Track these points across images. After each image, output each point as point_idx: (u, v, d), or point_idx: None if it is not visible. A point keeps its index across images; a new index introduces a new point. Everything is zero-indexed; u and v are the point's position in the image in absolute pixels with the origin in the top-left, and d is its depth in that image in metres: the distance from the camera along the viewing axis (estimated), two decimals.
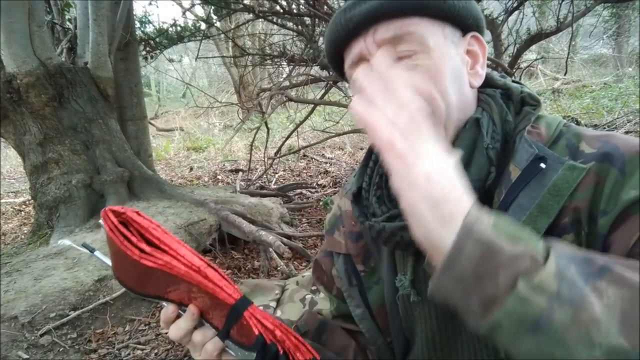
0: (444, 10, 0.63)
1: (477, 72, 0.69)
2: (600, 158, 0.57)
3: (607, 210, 0.54)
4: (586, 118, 6.18)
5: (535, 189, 0.57)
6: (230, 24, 7.36)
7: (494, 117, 0.67)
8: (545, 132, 0.64)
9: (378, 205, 0.71)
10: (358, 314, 0.80)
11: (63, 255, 2.95)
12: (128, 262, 0.58)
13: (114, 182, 3.59)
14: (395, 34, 0.61)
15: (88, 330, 2.43)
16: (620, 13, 10.51)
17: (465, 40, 0.68)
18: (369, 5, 0.61)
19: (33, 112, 3.43)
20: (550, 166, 0.58)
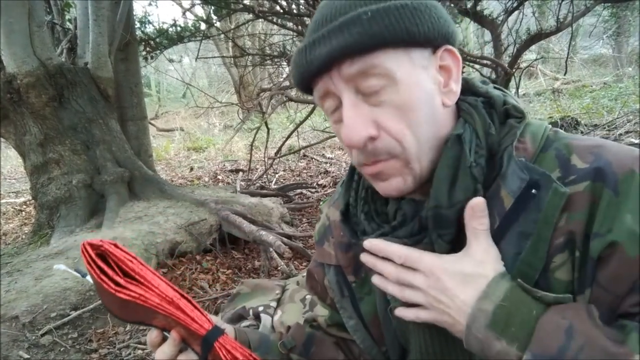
0: (407, 39, 0.59)
1: (451, 89, 0.65)
2: (594, 176, 0.56)
3: (600, 233, 0.54)
4: (586, 118, 6.19)
5: (534, 213, 0.57)
6: (230, 24, 7.37)
7: (477, 129, 0.64)
8: (532, 145, 0.62)
9: (367, 223, 0.71)
10: (351, 325, 0.79)
11: (64, 255, 2.96)
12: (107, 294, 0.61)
13: (114, 182, 3.60)
14: (360, 70, 0.59)
15: (89, 330, 2.44)
16: (620, 13, 10.51)
17: (437, 57, 0.63)
18: (329, 47, 0.58)
19: (33, 113, 3.43)
20: (543, 188, 0.57)
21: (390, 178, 0.64)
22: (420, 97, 0.61)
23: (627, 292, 0.53)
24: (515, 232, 0.58)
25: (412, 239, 0.64)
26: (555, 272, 0.57)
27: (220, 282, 3.00)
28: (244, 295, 1.98)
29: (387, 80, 0.59)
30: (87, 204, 3.54)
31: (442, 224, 0.62)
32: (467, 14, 3.72)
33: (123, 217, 3.40)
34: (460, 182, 0.61)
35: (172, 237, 3.19)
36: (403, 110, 0.60)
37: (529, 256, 0.57)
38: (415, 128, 0.61)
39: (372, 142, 0.60)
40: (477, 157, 0.62)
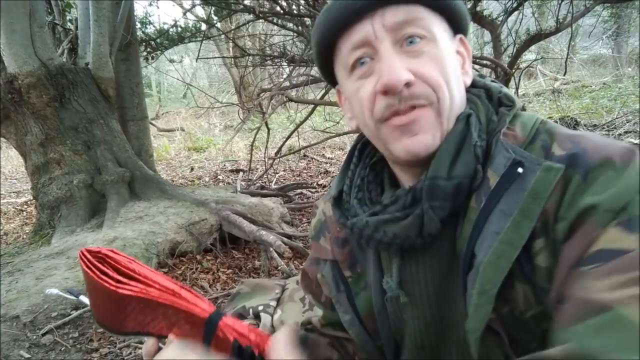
0: (447, 6, 0.63)
1: (467, 71, 0.70)
2: (567, 161, 0.55)
3: (564, 217, 0.53)
4: (585, 118, 6.19)
5: (516, 193, 0.56)
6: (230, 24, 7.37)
7: (480, 116, 0.66)
8: (521, 133, 0.62)
9: (359, 207, 0.71)
10: (347, 320, 0.79)
11: (65, 255, 2.96)
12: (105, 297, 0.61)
13: (115, 182, 3.61)
14: (405, 19, 0.60)
15: (90, 330, 2.44)
16: (620, 13, 10.52)
17: (456, 40, 0.68)
18: None
19: (34, 113, 3.44)
20: (528, 169, 0.56)
21: (420, 132, 0.63)
22: (452, 60, 0.64)
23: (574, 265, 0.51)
24: (497, 210, 0.57)
25: (403, 212, 0.63)
26: (536, 258, 0.56)
27: (221, 281, 3.01)
28: (244, 295, 1.99)
29: (429, 34, 0.61)
30: (88, 204, 3.55)
31: (437, 195, 0.61)
32: None
33: (124, 217, 3.41)
34: (462, 158, 0.62)
35: (173, 237, 3.20)
36: (441, 64, 0.62)
37: (509, 234, 0.55)
38: (449, 82, 0.62)
39: (408, 87, 0.60)
40: (479, 139, 0.63)
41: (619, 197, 0.50)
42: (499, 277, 0.55)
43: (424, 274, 0.69)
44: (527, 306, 0.58)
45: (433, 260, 0.68)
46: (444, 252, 0.66)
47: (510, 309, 0.59)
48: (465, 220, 0.62)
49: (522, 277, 0.57)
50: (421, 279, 0.69)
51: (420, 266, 0.69)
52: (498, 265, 0.55)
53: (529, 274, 0.57)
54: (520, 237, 0.55)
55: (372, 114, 0.64)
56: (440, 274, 0.68)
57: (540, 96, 9.05)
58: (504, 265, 0.55)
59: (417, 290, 0.70)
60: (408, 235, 0.64)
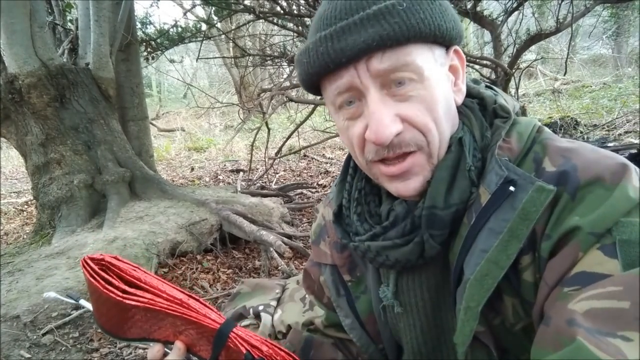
0: (436, 34, 0.59)
1: (460, 88, 0.67)
2: (557, 180, 0.55)
3: (550, 235, 0.53)
4: (586, 118, 6.19)
5: (506, 212, 0.55)
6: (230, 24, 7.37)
7: (474, 132, 0.65)
8: (517, 144, 0.61)
9: (360, 223, 0.70)
10: (348, 324, 0.80)
11: (65, 255, 2.97)
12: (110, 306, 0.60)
13: (115, 182, 3.61)
14: (391, 65, 0.57)
15: (90, 330, 2.45)
16: (620, 13, 10.51)
17: (449, 56, 0.65)
18: (365, 35, 0.56)
19: (35, 113, 3.45)
20: (520, 187, 0.55)
21: (411, 177, 0.63)
22: (442, 94, 0.61)
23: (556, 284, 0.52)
24: (486, 228, 0.57)
25: (403, 239, 0.64)
26: (523, 274, 0.56)
27: (221, 281, 3.01)
28: (244, 295, 1.99)
29: (417, 76, 0.59)
30: (88, 204, 3.55)
31: (436, 224, 0.61)
32: (466, 15, 3.73)
33: (124, 217, 3.41)
34: (458, 185, 0.61)
35: (173, 237, 3.20)
36: (429, 105, 0.60)
37: (496, 254, 0.55)
38: (439, 123, 0.61)
39: (397, 136, 0.60)
40: (474, 160, 0.63)
41: (604, 219, 0.50)
42: (483, 295, 0.55)
43: (420, 285, 0.70)
44: (517, 319, 0.59)
45: (428, 272, 0.69)
46: (439, 264, 0.67)
47: (502, 320, 0.60)
48: (457, 235, 0.63)
49: (510, 291, 0.58)
50: (417, 289, 0.70)
51: (417, 277, 0.70)
52: (483, 283, 0.55)
53: (517, 287, 0.57)
54: (507, 258, 0.54)
55: (362, 153, 0.64)
56: (436, 284, 0.69)
57: (541, 96, 9.05)
58: (489, 284, 0.55)
59: (413, 298, 0.71)
60: (409, 259, 0.65)
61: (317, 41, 0.59)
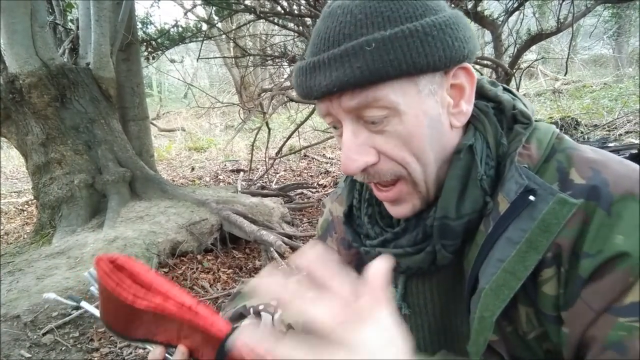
0: (412, 71, 0.55)
1: (461, 110, 0.62)
2: (588, 194, 0.53)
3: (590, 253, 0.51)
4: (586, 118, 6.19)
5: (525, 221, 0.54)
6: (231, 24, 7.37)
7: (488, 139, 0.62)
8: (536, 151, 0.60)
9: (371, 226, 0.69)
10: None
11: (65, 255, 2.97)
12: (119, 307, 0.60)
13: (116, 182, 3.61)
14: (360, 103, 0.56)
15: (90, 329, 2.45)
16: (621, 13, 10.51)
17: (449, 76, 0.59)
18: (329, 79, 0.55)
19: (35, 113, 3.45)
20: (540, 197, 0.54)
21: (399, 203, 0.63)
22: (425, 124, 0.58)
23: (604, 310, 0.51)
24: (504, 237, 0.56)
25: (415, 248, 0.63)
26: (543, 286, 0.55)
27: (221, 281, 3.01)
28: (245, 294, 2.00)
29: (390, 111, 0.56)
30: (88, 204, 3.55)
31: (448, 235, 0.60)
32: (467, 15, 3.73)
33: (124, 216, 3.41)
34: (469, 194, 0.60)
35: (174, 237, 3.21)
36: (406, 140, 0.58)
37: (514, 264, 0.54)
38: (419, 155, 0.59)
39: (373, 166, 0.59)
40: (487, 168, 0.60)
41: None
42: (499, 305, 0.55)
43: (430, 289, 0.69)
44: (530, 328, 0.58)
45: (439, 277, 0.68)
46: (450, 269, 0.66)
47: (514, 328, 0.59)
48: (473, 243, 0.61)
49: (525, 300, 0.57)
50: (426, 292, 0.70)
51: (427, 281, 0.69)
52: (499, 293, 0.55)
53: (533, 298, 0.56)
54: (524, 269, 0.53)
55: None
56: (446, 289, 0.68)
57: (541, 96, 9.04)
58: (505, 294, 0.54)
59: (422, 301, 0.70)
60: (421, 267, 0.64)
61: (298, 70, 0.60)
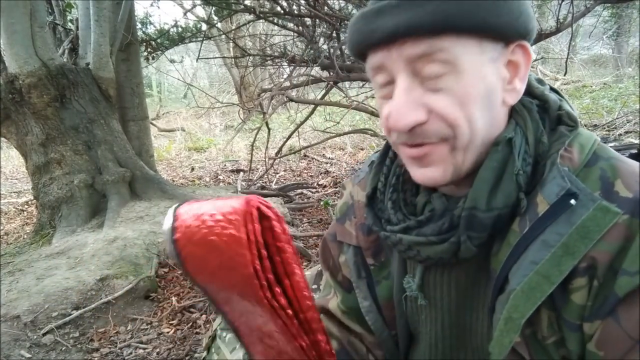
0: (481, 30, 0.54)
1: (515, 87, 0.61)
2: (634, 210, 0.51)
3: (630, 271, 0.50)
4: (586, 118, 6.19)
5: (562, 226, 0.53)
6: (231, 24, 7.38)
7: (528, 135, 0.61)
8: (578, 156, 0.58)
9: (394, 212, 0.67)
10: (365, 306, 0.78)
11: (65, 255, 2.97)
12: (235, 271, 0.45)
13: (115, 182, 3.61)
14: (424, 52, 0.54)
15: (90, 330, 2.45)
16: (621, 13, 10.52)
17: (508, 50, 0.58)
18: (397, 20, 0.53)
19: (35, 113, 3.45)
20: (581, 202, 0.53)
21: (431, 165, 0.60)
22: (482, 90, 0.57)
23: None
24: (539, 240, 0.55)
25: (439, 237, 0.61)
26: (572, 294, 0.54)
27: None
28: None
29: (451, 67, 0.54)
30: (88, 204, 3.55)
31: (475, 227, 0.58)
32: None
33: (124, 217, 3.41)
34: (503, 187, 0.58)
35: None
36: (461, 100, 0.56)
37: (547, 267, 0.53)
38: (471, 119, 0.56)
39: (421, 126, 0.57)
40: (524, 164, 0.59)
41: None
42: (529, 308, 0.54)
43: (448, 282, 0.68)
44: (550, 332, 0.57)
45: (459, 270, 0.67)
46: (472, 264, 0.65)
47: (533, 331, 0.58)
48: (504, 242, 0.60)
49: (549, 304, 0.56)
50: (444, 285, 0.69)
51: (446, 274, 0.68)
52: (530, 296, 0.54)
53: (558, 304, 0.55)
54: (559, 273, 0.52)
55: (389, 134, 0.63)
56: (465, 283, 0.67)
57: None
58: (536, 297, 0.54)
59: (438, 294, 0.69)
60: (442, 257, 0.62)
61: (360, 16, 0.57)
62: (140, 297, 2.73)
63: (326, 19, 3.81)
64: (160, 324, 2.54)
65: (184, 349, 2.30)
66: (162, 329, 2.50)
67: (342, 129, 6.35)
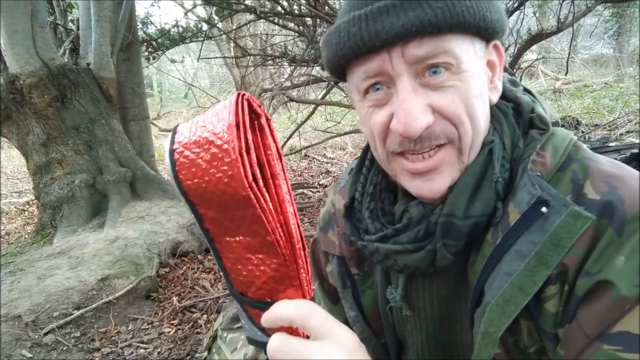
0: (480, 25, 0.54)
1: (496, 86, 0.61)
2: (601, 211, 0.51)
3: (591, 272, 0.49)
4: (587, 118, 6.18)
5: (536, 234, 0.52)
6: (231, 24, 7.37)
7: (505, 139, 0.60)
8: (551, 159, 0.57)
9: (371, 221, 0.66)
10: (352, 316, 0.78)
11: (66, 255, 2.97)
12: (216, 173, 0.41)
13: (116, 182, 3.61)
14: (429, 52, 0.52)
15: (91, 329, 2.45)
16: (622, 13, 10.50)
17: (488, 50, 0.59)
18: (405, 19, 0.51)
19: (36, 113, 3.45)
20: (553, 209, 0.52)
21: (437, 176, 0.58)
22: (479, 88, 0.56)
23: (595, 337, 0.49)
24: (513, 250, 0.53)
25: (415, 245, 0.60)
26: (545, 303, 0.53)
27: (222, 281, 3.01)
28: None
29: (453, 66, 0.54)
30: (89, 204, 3.55)
31: (452, 234, 0.57)
32: None
33: (125, 216, 3.41)
34: (481, 195, 0.57)
35: (174, 237, 3.21)
36: (464, 97, 0.55)
37: (522, 279, 0.52)
38: (474, 118, 0.56)
39: (427, 129, 0.55)
40: (502, 170, 0.58)
41: None
42: (504, 321, 0.53)
43: (430, 292, 0.68)
44: (531, 342, 0.56)
45: (440, 280, 0.67)
46: (452, 275, 0.64)
47: (515, 340, 0.57)
48: (479, 253, 0.59)
49: (526, 315, 0.55)
50: (426, 295, 0.68)
51: (427, 284, 0.68)
52: (505, 309, 0.53)
53: (534, 314, 0.54)
54: (533, 284, 0.51)
55: (383, 144, 0.60)
56: (447, 294, 0.67)
57: (542, 96, 8.85)
58: (511, 310, 0.52)
59: (421, 304, 0.69)
60: (418, 266, 0.61)
61: (350, 21, 0.54)
62: (141, 297, 2.74)
63: (327, 19, 3.81)
64: (161, 324, 2.54)
65: (185, 349, 2.30)
66: (163, 328, 2.50)
67: (342, 129, 6.35)
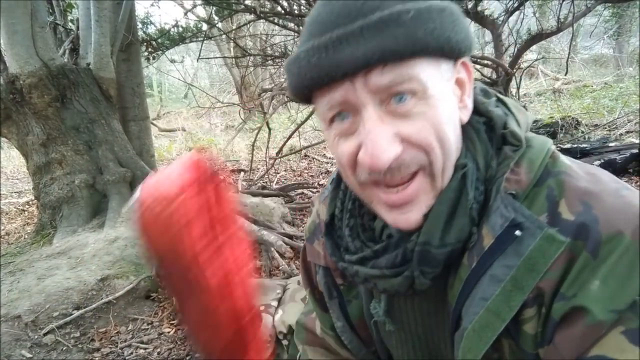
0: (444, 48, 0.52)
1: (466, 105, 0.59)
2: (575, 233, 0.50)
3: (567, 296, 0.49)
4: (587, 118, 6.18)
5: (511, 258, 0.51)
6: (231, 24, 7.38)
7: (478, 160, 0.58)
8: (526, 175, 0.55)
9: (351, 240, 0.65)
10: (339, 327, 0.78)
11: (66, 255, 2.97)
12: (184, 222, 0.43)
13: (116, 182, 3.61)
14: (392, 81, 0.50)
15: (91, 330, 2.45)
16: (621, 13, 10.51)
17: (456, 69, 0.57)
18: (365, 48, 0.48)
19: (36, 113, 3.45)
20: (527, 232, 0.51)
21: (413, 208, 0.57)
22: (447, 111, 0.54)
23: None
24: (488, 275, 0.53)
25: (392, 271, 0.59)
26: (524, 325, 0.53)
27: None
28: None
29: (419, 93, 0.52)
30: (89, 204, 3.55)
31: (428, 262, 0.56)
32: (467, 14, 3.73)
33: (125, 217, 3.41)
34: (456, 223, 0.56)
35: None
36: (433, 123, 0.53)
37: (498, 304, 0.51)
38: (444, 143, 0.54)
39: (397, 159, 0.53)
40: (477, 194, 0.56)
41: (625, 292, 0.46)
42: (482, 347, 0.53)
43: (412, 308, 0.68)
44: (514, 357, 0.56)
45: (421, 298, 0.66)
46: (432, 295, 0.64)
47: (499, 356, 0.57)
48: (457, 276, 0.58)
49: (507, 335, 0.54)
50: (409, 311, 0.68)
51: (409, 301, 0.68)
52: (482, 335, 0.53)
53: (514, 335, 0.54)
54: (509, 309, 0.51)
55: (354, 173, 0.58)
56: (428, 310, 0.67)
57: (542, 96, 9.03)
58: (488, 336, 0.52)
59: (404, 318, 0.69)
60: (398, 290, 0.60)
61: (310, 50, 0.51)
62: (141, 297, 2.74)
63: None
64: (161, 324, 2.54)
65: (185, 349, 2.30)
66: (162, 329, 2.50)
67: None
